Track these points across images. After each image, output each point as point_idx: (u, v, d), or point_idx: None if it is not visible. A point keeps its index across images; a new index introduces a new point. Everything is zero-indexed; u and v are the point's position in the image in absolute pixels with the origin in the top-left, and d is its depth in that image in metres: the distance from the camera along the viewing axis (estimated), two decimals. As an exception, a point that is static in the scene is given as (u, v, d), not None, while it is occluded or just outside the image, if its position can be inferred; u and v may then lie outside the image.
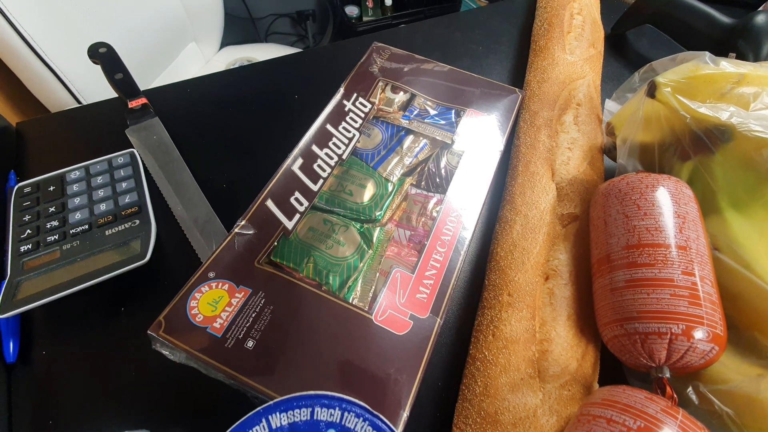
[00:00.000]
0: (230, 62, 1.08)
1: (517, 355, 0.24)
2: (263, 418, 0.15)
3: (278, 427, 0.15)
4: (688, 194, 0.26)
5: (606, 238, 0.26)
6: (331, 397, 0.15)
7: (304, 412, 0.15)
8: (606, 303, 0.24)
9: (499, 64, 0.48)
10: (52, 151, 0.39)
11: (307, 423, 0.15)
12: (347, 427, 0.15)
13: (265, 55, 1.11)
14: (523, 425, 0.21)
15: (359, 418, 0.15)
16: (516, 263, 0.27)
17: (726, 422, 0.21)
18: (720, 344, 0.21)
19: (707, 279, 0.23)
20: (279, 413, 0.15)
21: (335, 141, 0.33)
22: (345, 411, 0.15)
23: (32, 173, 0.35)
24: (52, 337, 0.29)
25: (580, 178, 0.32)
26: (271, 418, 0.15)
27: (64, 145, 0.39)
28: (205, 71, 1.03)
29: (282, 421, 0.15)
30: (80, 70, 0.76)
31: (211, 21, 1.07)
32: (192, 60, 1.05)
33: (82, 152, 0.37)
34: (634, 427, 0.17)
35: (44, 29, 0.69)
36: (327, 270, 0.27)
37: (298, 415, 0.15)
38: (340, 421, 0.15)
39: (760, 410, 0.20)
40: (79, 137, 0.40)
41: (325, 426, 0.15)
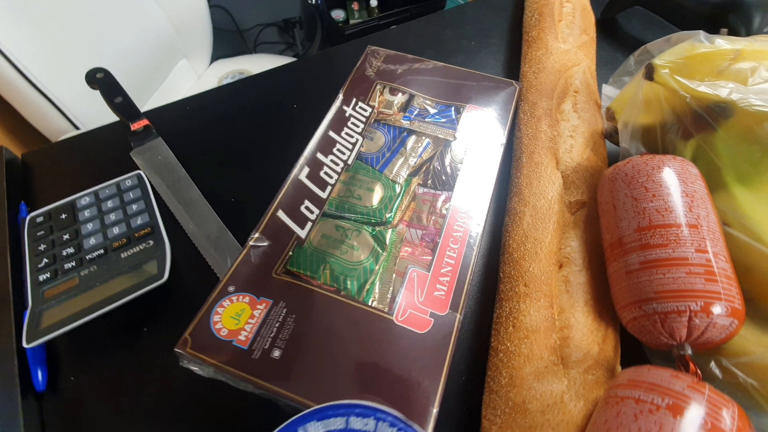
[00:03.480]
0: (222, 75, 1.09)
1: (539, 344, 0.24)
2: (299, 428, 0.15)
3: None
4: (694, 173, 0.26)
5: (617, 222, 0.26)
6: (365, 407, 0.16)
7: (339, 422, 0.15)
8: (622, 286, 0.24)
9: (492, 57, 0.48)
10: (60, 180, 0.39)
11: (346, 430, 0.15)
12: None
13: (256, 66, 1.12)
14: (552, 412, 0.22)
15: (393, 428, 0.15)
16: (529, 254, 0.28)
17: (751, 393, 0.21)
18: (739, 318, 0.22)
19: (721, 255, 0.23)
20: (315, 422, 0.15)
21: (339, 147, 0.34)
22: (379, 420, 0.15)
23: (42, 203, 0.35)
24: (79, 363, 0.30)
25: (584, 164, 0.32)
26: (306, 427, 0.15)
27: (71, 173, 0.40)
28: (197, 86, 1.03)
29: (317, 430, 0.15)
30: (75, 96, 0.76)
31: (200, 36, 1.07)
32: (184, 77, 1.05)
33: (89, 178, 0.37)
34: (662, 405, 0.18)
35: (36, 57, 0.69)
36: (344, 275, 0.27)
37: (332, 424, 0.15)
38: (375, 430, 0.15)
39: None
40: (84, 163, 0.40)
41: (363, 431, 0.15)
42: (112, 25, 0.83)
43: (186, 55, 1.06)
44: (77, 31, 0.77)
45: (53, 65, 0.73)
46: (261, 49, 1.65)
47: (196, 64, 1.09)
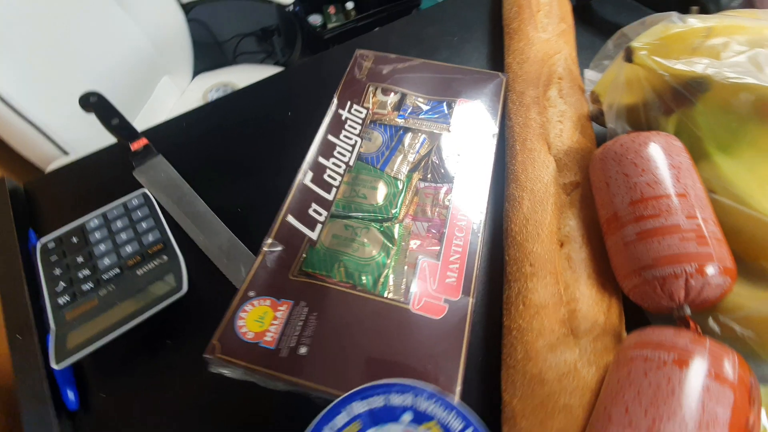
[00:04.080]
0: (207, 89, 1.09)
1: (549, 319, 0.25)
2: (344, 408, 0.16)
3: (358, 414, 0.16)
4: (678, 146, 0.28)
5: (611, 198, 0.28)
6: (403, 385, 0.17)
7: (380, 399, 0.17)
8: (622, 257, 0.26)
9: (476, 51, 0.50)
10: (65, 205, 0.40)
11: (384, 408, 0.16)
12: (419, 408, 0.16)
13: (239, 77, 1.12)
14: (567, 379, 0.23)
15: (429, 400, 0.17)
16: (531, 236, 0.29)
17: (748, 344, 0.23)
18: (731, 276, 0.23)
19: (709, 220, 0.25)
20: (358, 401, 0.17)
21: (339, 150, 0.35)
22: (416, 395, 0.17)
23: (49, 229, 0.36)
24: (107, 380, 0.30)
25: (574, 147, 0.33)
26: (351, 406, 0.16)
27: (75, 197, 0.40)
28: (182, 102, 1.04)
29: (361, 409, 0.16)
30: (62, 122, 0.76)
31: (180, 52, 1.07)
32: (168, 93, 1.06)
33: (94, 201, 0.37)
34: (669, 360, 0.19)
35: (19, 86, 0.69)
36: (358, 271, 0.28)
37: (374, 402, 0.17)
38: (413, 404, 0.16)
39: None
40: (87, 187, 0.41)
41: (400, 410, 0.16)
42: (92, 48, 0.83)
43: (168, 71, 1.06)
44: (59, 58, 0.77)
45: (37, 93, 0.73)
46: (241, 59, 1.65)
47: (178, 80, 1.09)
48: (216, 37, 1.52)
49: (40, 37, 0.74)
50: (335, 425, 0.16)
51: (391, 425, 0.16)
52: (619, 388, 0.20)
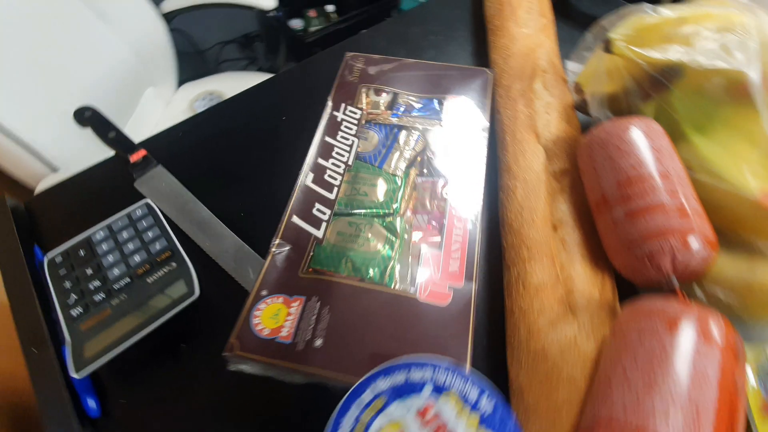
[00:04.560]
0: (193, 99, 1.09)
1: (548, 298, 0.27)
2: (369, 385, 0.18)
3: (382, 390, 0.18)
4: (658, 129, 0.30)
5: (599, 182, 0.29)
6: (422, 361, 0.18)
7: (401, 375, 0.18)
8: (612, 236, 0.28)
9: (461, 49, 0.51)
10: (67, 220, 0.40)
11: (406, 383, 0.18)
12: (438, 381, 0.18)
13: (224, 85, 1.12)
14: (568, 353, 0.25)
15: (447, 372, 0.18)
16: (527, 222, 0.31)
17: (732, 309, 0.25)
18: (713, 247, 0.25)
19: (691, 197, 0.27)
20: (382, 378, 0.18)
21: (337, 150, 0.36)
22: (435, 369, 0.18)
23: (54, 244, 0.36)
24: (125, 386, 0.31)
25: (562, 136, 0.35)
26: (375, 384, 0.18)
27: (77, 212, 0.41)
28: (168, 112, 1.04)
29: (385, 385, 0.18)
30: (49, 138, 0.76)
31: (163, 62, 1.07)
32: (153, 104, 1.05)
33: (96, 214, 0.38)
34: (660, 326, 0.21)
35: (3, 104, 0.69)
36: (365, 265, 0.30)
37: (397, 378, 0.18)
38: (432, 378, 0.18)
39: (758, 292, 0.24)
40: (89, 201, 0.41)
41: (420, 384, 0.18)
42: (75, 64, 0.83)
43: (152, 83, 1.05)
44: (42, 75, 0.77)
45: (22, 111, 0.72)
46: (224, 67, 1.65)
47: (163, 91, 1.09)
48: (198, 45, 1.52)
49: (22, 55, 0.73)
50: (362, 401, 0.17)
51: (413, 398, 0.17)
52: (617, 355, 0.22)
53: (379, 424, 0.17)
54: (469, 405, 0.17)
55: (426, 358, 0.19)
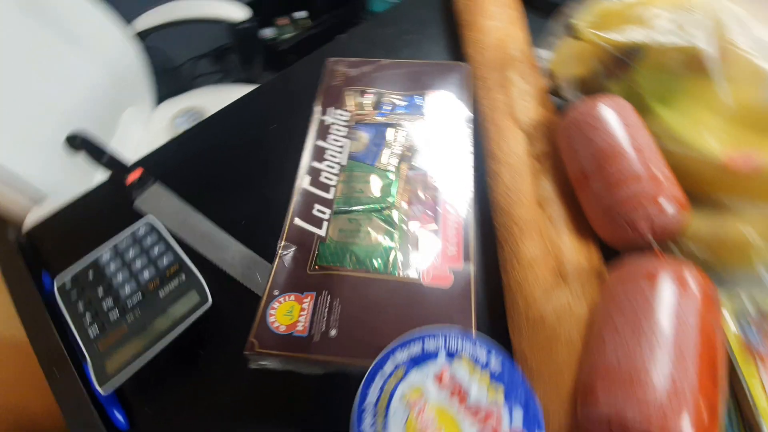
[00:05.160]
0: (172, 116, 1.09)
1: (541, 270, 0.29)
2: (388, 359, 0.19)
3: (401, 361, 0.19)
4: (626, 105, 0.32)
5: (577, 159, 0.32)
6: (434, 332, 0.20)
7: (417, 346, 0.20)
8: (593, 207, 0.30)
9: (436, 45, 0.53)
10: (72, 245, 0.41)
11: (422, 353, 0.20)
12: (450, 347, 0.20)
13: (203, 100, 1.13)
14: (564, 318, 0.27)
15: (457, 338, 0.20)
16: (514, 202, 0.33)
17: (707, 262, 0.27)
18: (685, 208, 0.28)
19: (661, 165, 0.29)
20: (399, 351, 0.20)
21: (330, 153, 0.38)
22: (446, 337, 0.20)
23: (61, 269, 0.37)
24: (149, 396, 0.32)
25: (540, 120, 0.37)
26: (395, 356, 0.20)
27: (81, 236, 0.41)
28: (149, 132, 1.03)
29: (403, 357, 0.20)
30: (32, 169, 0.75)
31: (138, 82, 1.07)
32: (133, 125, 1.05)
33: (99, 237, 0.39)
34: (642, 281, 0.23)
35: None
36: (369, 257, 0.31)
37: (413, 349, 0.20)
38: (445, 345, 0.20)
39: (729, 244, 0.27)
40: (91, 224, 0.42)
41: (434, 352, 0.20)
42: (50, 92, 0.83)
43: (130, 103, 1.05)
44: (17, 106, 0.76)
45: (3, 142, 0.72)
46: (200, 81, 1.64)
47: (142, 111, 1.09)
48: (172, 62, 1.51)
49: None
50: (384, 373, 0.19)
51: (430, 364, 0.19)
52: (607, 313, 0.24)
53: (402, 390, 0.18)
54: (480, 365, 0.19)
55: (437, 328, 0.20)
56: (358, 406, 0.18)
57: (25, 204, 0.75)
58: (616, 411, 0.20)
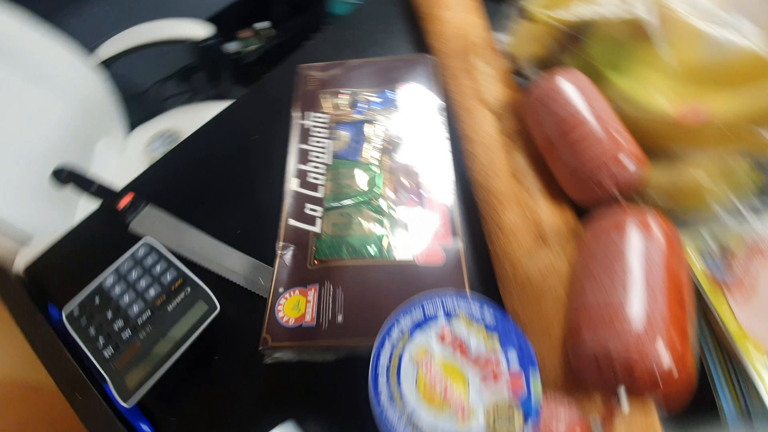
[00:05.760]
0: (146, 141, 1.09)
1: (524, 236, 0.32)
2: (394, 326, 0.22)
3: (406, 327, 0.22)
4: (582, 76, 0.35)
5: (544, 131, 0.34)
6: (432, 296, 0.22)
7: (418, 312, 0.22)
8: (563, 172, 0.32)
9: (402, 41, 0.55)
10: (73, 275, 0.42)
11: (423, 317, 0.22)
12: (448, 308, 0.22)
13: (176, 122, 1.13)
14: (549, 276, 0.29)
15: (452, 299, 0.22)
16: (492, 178, 0.35)
17: (669, 208, 0.30)
18: (643, 163, 0.30)
19: (619, 126, 0.32)
20: (402, 317, 0.22)
21: (314, 154, 0.40)
22: (443, 299, 0.22)
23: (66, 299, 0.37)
24: (172, 404, 0.34)
25: (506, 100, 0.40)
26: (400, 322, 0.22)
27: (81, 265, 0.42)
28: (125, 159, 1.03)
29: (407, 323, 0.22)
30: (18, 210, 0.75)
31: (109, 112, 1.07)
32: (107, 155, 1.05)
33: (100, 263, 0.40)
34: (611, 231, 0.26)
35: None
36: (364, 246, 0.33)
37: (415, 315, 0.22)
38: (443, 307, 0.22)
39: (686, 189, 0.30)
40: (89, 253, 0.43)
41: (434, 315, 0.22)
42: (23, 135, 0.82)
43: (102, 134, 1.05)
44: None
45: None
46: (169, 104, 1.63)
47: (115, 140, 1.08)
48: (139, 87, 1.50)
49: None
50: (392, 339, 0.21)
51: (431, 326, 0.21)
52: (584, 264, 0.27)
53: (410, 352, 0.21)
54: (475, 319, 0.21)
55: (433, 293, 0.23)
56: (373, 371, 0.20)
57: (12, 247, 0.75)
58: (600, 346, 0.22)
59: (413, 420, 0.19)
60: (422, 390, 0.20)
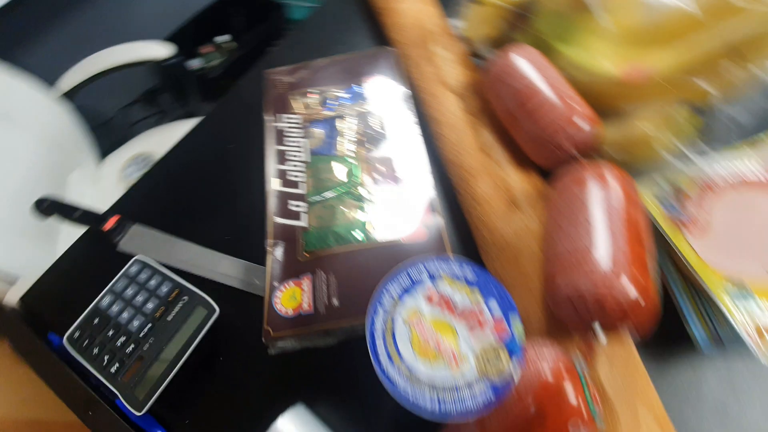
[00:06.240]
0: (120, 168, 1.08)
1: (497, 203, 0.34)
2: (384, 293, 0.23)
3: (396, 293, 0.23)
4: (533, 50, 0.37)
5: (504, 104, 0.37)
6: (414, 262, 0.24)
7: (405, 278, 0.24)
8: (525, 140, 0.35)
9: (364, 37, 0.57)
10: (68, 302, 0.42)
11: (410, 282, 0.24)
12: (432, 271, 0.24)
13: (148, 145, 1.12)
14: (523, 237, 0.32)
15: (434, 262, 0.24)
16: (462, 154, 0.38)
17: (624, 161, 0.32)
18: (596, 122, 0.33)
19: (571, 92, 0.34)
20: (390, 284, 0.24)
21: (291, 153, 0.41)
22: (425, 264, 0.24)
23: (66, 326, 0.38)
24: (184, 409, 0.35)
25: (466, 81, 0.42)
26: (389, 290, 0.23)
27: (75, 291, 0.43)
28: (100, 188, 1.02)
29: (396, 289, 0.23)
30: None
31: (77, 143, 1.06)
32: (81, 187, 1.04)
33: (93, 287, 0.40)
34: (573, 188, 0.28)
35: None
36: (349, 233, 0.35)
37: (402, 281, 0.24)
38: (426, 270, 0.24)
39: (637, 141, 0.32)
40: (81, 278, 0.44)
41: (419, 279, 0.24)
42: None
43: (74, 166, 1.04)
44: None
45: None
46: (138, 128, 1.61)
47: (87, 171, 1.07)
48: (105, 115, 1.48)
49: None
50: (384, 305, 0.23)
51: (418, 289, 0.23)
52: (552, 220, 0.29)
53: (401, 315, 0.22)
54: (458, 278, 0.23)
55: (417, 260, 0.25)
56: (371, 337, 0.22)
57: (0, 288, 0.74)
58: (572, 288, 0.24)
59: (413, 374, 0.21)
60: (417, 347, 0.22)
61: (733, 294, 0.29)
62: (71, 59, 1.11)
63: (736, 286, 0.29)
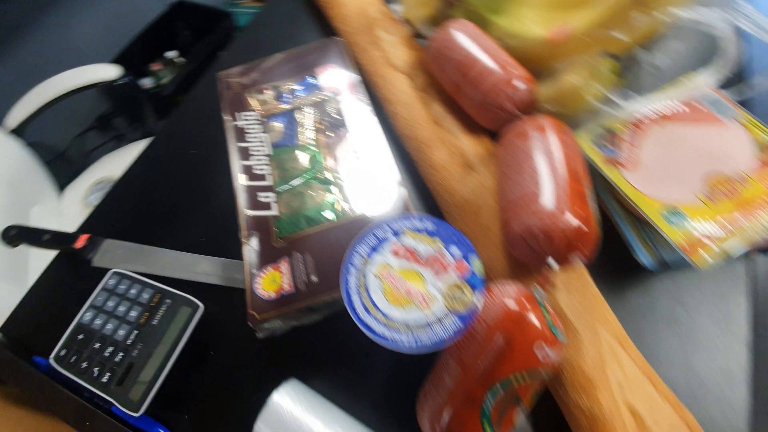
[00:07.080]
0: (82, 197, 1.06)
1: (453, 167, 0.36)
2: (354, 254, 0.25)
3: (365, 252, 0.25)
4: (468, 24, 0.40)
5: (448, 76, 0.39)
6: (379, 223, 0.26)
7: (372, 238, 0.26)
8: (471, 106, 0.37)
9: (311, 31, 0.59)
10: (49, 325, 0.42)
11: (377, 241, 0.26)
12: (395, 228, 0.26)
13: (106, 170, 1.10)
14: (481, 195, 0.34)
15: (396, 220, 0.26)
16: (416, 128, 0.40)
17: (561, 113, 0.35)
18: (532, 81, 0.36)
19: (506, 57, 0.37)
20: (360, 247, 0.26)
21: (254, 148, 0.42)
22: (389, 223, 0.26)
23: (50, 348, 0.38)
24: (182, 405, 0.36)
25: (412, 60, 0.44)
26: (359, 250, 0.25)
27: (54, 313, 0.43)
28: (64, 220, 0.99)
29: (364, 249, 0.25)
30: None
31: (34, 179, 1.03)
32: (46, 221, 1.01)
33: (72, 307, 0.40)
34: (516, 140, 0.31)
35: None
36: (319, 214, 0.37)
37: (369, 241, 0.26)
38: (390, 228, 0.26)
39: (569, 93, 0.35)
40: (59, 300, 0.44)
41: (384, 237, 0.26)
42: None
43: (34, 202, 1.01)
44: None
45: None
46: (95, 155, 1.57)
47: (48, 205, 1.04)
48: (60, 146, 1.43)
49: None
50: (356, 264, 0.25)
51: (384, 246, 0.25)
52: (502, 173, 0.32)
53: (372, 270, 0.24)
54: (419, 231, 0.25)
55: (380, 221, 0.27)
56: (346, 294, 0.24)
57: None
58: (524, 228, 0.27)
59: (389, 319, 0.23)
60: (390, 297, 0.24)
61: (667, 217, 0.32)
62: (16, 94, 1.07)
63: (670, 211, 0.32)
